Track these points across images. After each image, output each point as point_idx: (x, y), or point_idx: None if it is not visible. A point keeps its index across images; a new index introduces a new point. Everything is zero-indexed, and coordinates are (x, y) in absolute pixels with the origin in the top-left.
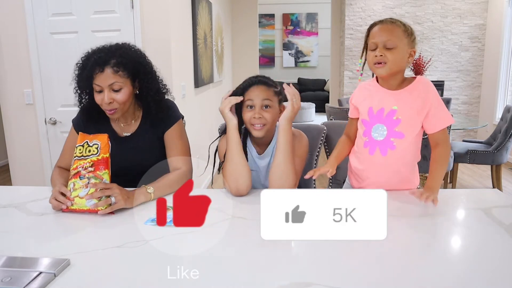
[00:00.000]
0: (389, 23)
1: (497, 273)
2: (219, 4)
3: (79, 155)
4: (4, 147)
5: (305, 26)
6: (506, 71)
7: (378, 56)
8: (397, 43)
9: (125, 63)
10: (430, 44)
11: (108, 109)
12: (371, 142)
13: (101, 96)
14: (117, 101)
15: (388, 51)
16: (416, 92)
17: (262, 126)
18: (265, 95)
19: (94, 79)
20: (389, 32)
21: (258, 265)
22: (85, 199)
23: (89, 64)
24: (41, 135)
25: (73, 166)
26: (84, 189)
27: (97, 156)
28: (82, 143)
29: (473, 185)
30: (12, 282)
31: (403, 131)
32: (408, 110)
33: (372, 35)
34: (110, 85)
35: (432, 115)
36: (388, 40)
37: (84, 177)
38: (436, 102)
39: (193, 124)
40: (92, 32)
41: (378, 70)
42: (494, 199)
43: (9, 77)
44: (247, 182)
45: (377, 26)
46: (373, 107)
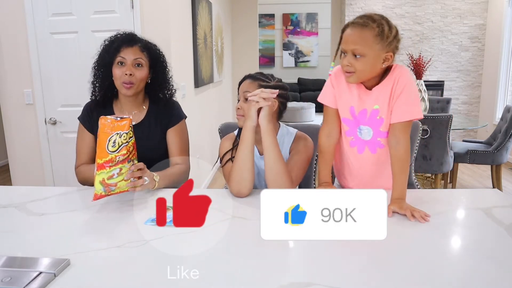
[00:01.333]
0: (359, 27)
1: (497, 273)
2: (219, 4)
3: (125, 142)
4: (4, 147)
5: (305, 26)
6: (506, 71)
7: (345, 66)
8: (366, 51)
9: (149, 48)
10: (430, 44)
11: (126, 82)
12: (359, 142)
13: (122, 69)
14: (136, 77)
15: (356, 60)
16: (387, 88)
17: (240, 116)
18: (246, 88)
19: (120, 52)
20: (358, 39)
21: (258, 265)
22: (129, 181)
23: (119, 39)
24: (41, 135)
25: (121, 152)
26: (129, 171)
27: (133, 139)
28: (128, 130)
29: (473, 185)
30: (12, 282)
31: (387, 130)
32: (386, 107)
33: (343, 38)
34: (135, 59)
35: (397, 104)
36: (355, 49)
37: (130, 160)
38: (406, 92)
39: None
40: (92, 32)
41: (347, 78)
42: (494, 199)
43: (9, 77)
44: (250, 185)
45: (348, 29)
46: (355, 107)
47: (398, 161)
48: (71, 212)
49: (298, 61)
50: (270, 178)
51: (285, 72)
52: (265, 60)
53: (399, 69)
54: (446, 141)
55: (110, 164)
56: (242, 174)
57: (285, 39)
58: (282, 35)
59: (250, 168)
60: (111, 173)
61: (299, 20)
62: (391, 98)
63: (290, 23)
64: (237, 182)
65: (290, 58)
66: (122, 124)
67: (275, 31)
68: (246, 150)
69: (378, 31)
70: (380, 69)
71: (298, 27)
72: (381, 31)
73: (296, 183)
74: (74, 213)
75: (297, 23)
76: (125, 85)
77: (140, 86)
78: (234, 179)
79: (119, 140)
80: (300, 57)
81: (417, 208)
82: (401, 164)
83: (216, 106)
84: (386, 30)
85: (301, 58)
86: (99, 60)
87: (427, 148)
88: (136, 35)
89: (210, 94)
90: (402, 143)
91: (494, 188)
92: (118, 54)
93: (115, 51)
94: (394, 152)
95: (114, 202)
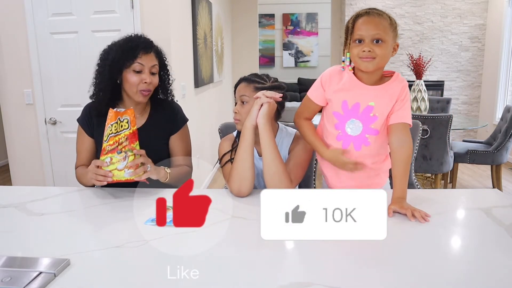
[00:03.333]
0: (376, 15)
1: (497, 273)
2: (219, 4)
3: (114, 132)
4: (4, 147)
5: (305, 26)
6: (506, 71)
7: (366, 51)
8: (386, 37)
9: (160, 53)
10: (430, 44)
11: (145, 90)
12: (345, 137)
13: (140, 76)
14: (153, 84)
15: (376, 45)
16: (391, 90)
17: (237, 121)
18: (242, 91)
19: (138, 58)
20: (377, 26)
21: (258, 265)
22: (124, 171)
23: (139, 45)
24: (41, 135)
25: (109, 142)
26: (122, 162)
27: (129, 130)
28: (116, 121)
29: (473, 185)
30: (12, 282)
31: (378, 128)
32: (384, 107)
33: (358, 26)
34: (152, 66)
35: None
36: (376, 34)
37: (121, 151)
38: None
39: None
40: (92, 32)
41: (365, 64)
42: (494, 199)
43: (9, 77)
44: (250, 184)
45: (363, 17)
46: (348, 101)
47: (402, 163)
48: (71, 212)
49: (298, 61)
50: (268, 178)
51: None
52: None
53: (401, 78)
54: (446, 141)
55: (103, 153)
56: (242, 173)
57: (285, 39)
58: (282, 35)
59: (250, 167)
60: (104, 161)
61: (299, 20)
62: (398, 99)
63: (290, 23)
64: (238, 181)
65: (290, 58)
66: (111, 114)
67: (275, 31)
68: (246, 149)
69: (390, 22)
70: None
71: (298, 27)
72: (392, 22)
73: (296, 183)
74: (74, 213)
75: (297, 23)
76: (143, 93)
77: (152, 93)
78: (234, 178)
79: (108, 130)
80: (300, 57)
81: (417, 208)
82: (405, 165)
83: (216, 106)
84: (393, 22)
85: (301, 58)
86: (110, 62)
87: (427, 148)
88: (149, 39)
89: (210, 94)
90: (407, 145)
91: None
92: (136, 60)
93: (133, 57)
94: (399, 154)
95: (114, 202)
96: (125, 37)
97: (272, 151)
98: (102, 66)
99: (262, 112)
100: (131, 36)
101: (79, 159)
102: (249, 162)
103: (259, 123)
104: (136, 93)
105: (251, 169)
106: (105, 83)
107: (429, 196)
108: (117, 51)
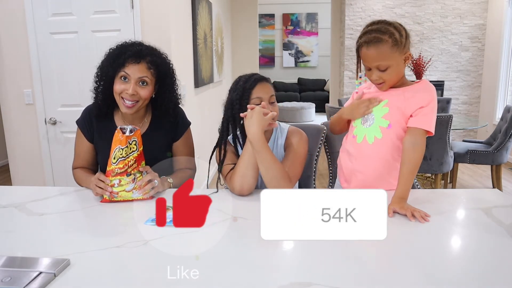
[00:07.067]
0: (375, 43)
1: (497, 273)
2: (219, 4)
3: (124, 155)
4: (4, 147)
5: (305, 26)
6: (506, 71)
7: (375, 80)
8: (389, 63)
9: (158, 64)
10: (430, 44)
11: (129, 100)
12: (360, 130)
13: (125, 85)
14: (140, 96)
15: (382, 73)
16: (408, 94)
17: None
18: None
19: (125, 67)
20: (378, 56)
21: (258, 265)
22: (132, 192)
23: (126, 53)
24: (41, 135)
25: (118, 165)
26: (131, 184)
27: (137, 152)
28: (126, 145)
29: (473, 185)
30: (12, 282)
31: (390, 120)
32: (396, 102)
33: (362, 56)
34: (140, 77)
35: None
36: (379, 65)
37: (130, 173)
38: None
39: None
40: (92, 32)
41: (380, 88)
42: (494, 199)
43: (9, 77)
44: (253, 182)
45: (363, 49)
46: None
47: (410, 163)
48: (71, 212)
49: (298, 61)
50: (267, 181)
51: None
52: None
53: (426, 83)
54: (446, 141)
55: (112, 174)
56: (245, 171)
57: (285, 39)
58: (282, 35)
59: (254, 165)
60: (113, 182)
61: (299, 20)
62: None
63: (290, 23)
64: (241, 177)
65: (290, 58)
66: (122, 139)
67: (275, 31)
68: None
69: (392, 42)
70: (403, 70)
71: (298, 27)
72: (395, 41)
73: (295, 180)
74: (74, 213)
75: (297, 23)
76: (127, 105)
77: (143, 104)
78: (238, 174)
79: (118, 153)
80: (300, 57)
81: (417, 208)
82: (412, 166)
83: (216, 106)
84: (398, 37)
85: (301, 58)
86: (101, 71)
87: (427, 148)
88: (144, 47)
89: (210, 94)
90: (418, 149)
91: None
92: (122, 68)
93: (120, 65)
94: (408, 154)
95: (114, 202)
96: (121, 42)
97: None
98: (99, 69)
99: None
100: (124, 43)
101: (76, 160)
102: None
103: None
104: (119, 101)
105: (255, 168)
106: (103, 87)
107: (429, 196)
108: (108, 56)
